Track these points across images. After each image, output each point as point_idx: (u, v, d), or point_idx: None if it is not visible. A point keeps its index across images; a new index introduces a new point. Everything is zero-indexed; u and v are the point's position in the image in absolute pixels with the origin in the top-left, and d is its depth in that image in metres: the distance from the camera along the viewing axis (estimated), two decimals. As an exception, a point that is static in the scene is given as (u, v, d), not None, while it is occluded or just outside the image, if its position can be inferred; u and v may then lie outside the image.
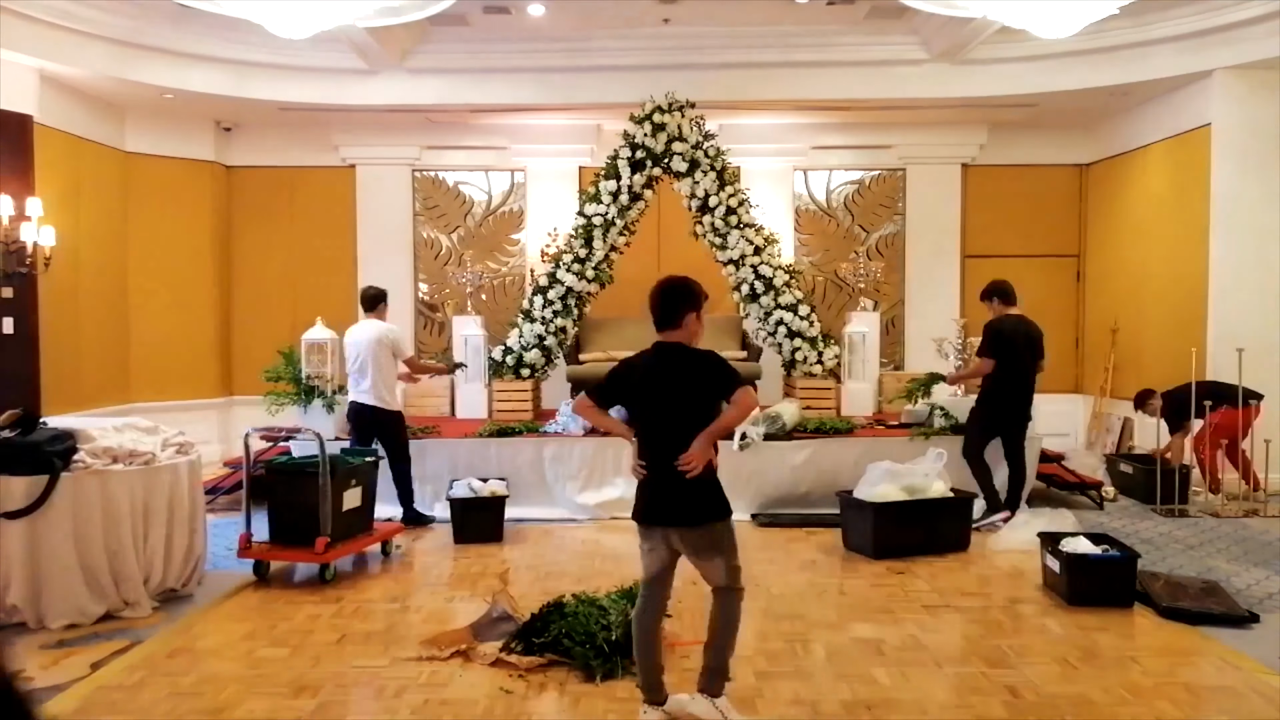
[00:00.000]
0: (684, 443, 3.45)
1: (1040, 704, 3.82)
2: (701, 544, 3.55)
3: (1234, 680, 4.09)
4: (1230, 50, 7.92)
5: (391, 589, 5.47)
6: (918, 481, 6.19)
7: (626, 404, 3.65)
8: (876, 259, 10.25)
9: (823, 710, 3.77)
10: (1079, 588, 5.08)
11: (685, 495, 3.49)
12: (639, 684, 3.67)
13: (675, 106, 8.38)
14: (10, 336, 7.56)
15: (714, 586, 3.61)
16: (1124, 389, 9.52)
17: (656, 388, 3.54)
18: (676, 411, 3.51)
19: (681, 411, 3.50)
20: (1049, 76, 8.67)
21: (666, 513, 3.53)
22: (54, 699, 3.90)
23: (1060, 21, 6.09)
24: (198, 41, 8.39)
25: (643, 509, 3.59)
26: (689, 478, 3.44)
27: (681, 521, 3.52)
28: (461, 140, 10.22)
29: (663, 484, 3.51)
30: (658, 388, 3.54)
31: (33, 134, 7.75)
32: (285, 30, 6.19)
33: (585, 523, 7.12)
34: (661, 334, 3.60)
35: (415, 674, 4.15)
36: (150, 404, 8.98)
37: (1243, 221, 8.08)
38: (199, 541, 5.46)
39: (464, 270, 9.67)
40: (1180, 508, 7.33)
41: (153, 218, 9.47)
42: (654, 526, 3.57)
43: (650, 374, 3.57)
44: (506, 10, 8.26)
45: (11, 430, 4.92)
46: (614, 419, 3.84)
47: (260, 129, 10.14)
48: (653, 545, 3.60)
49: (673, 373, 3.54)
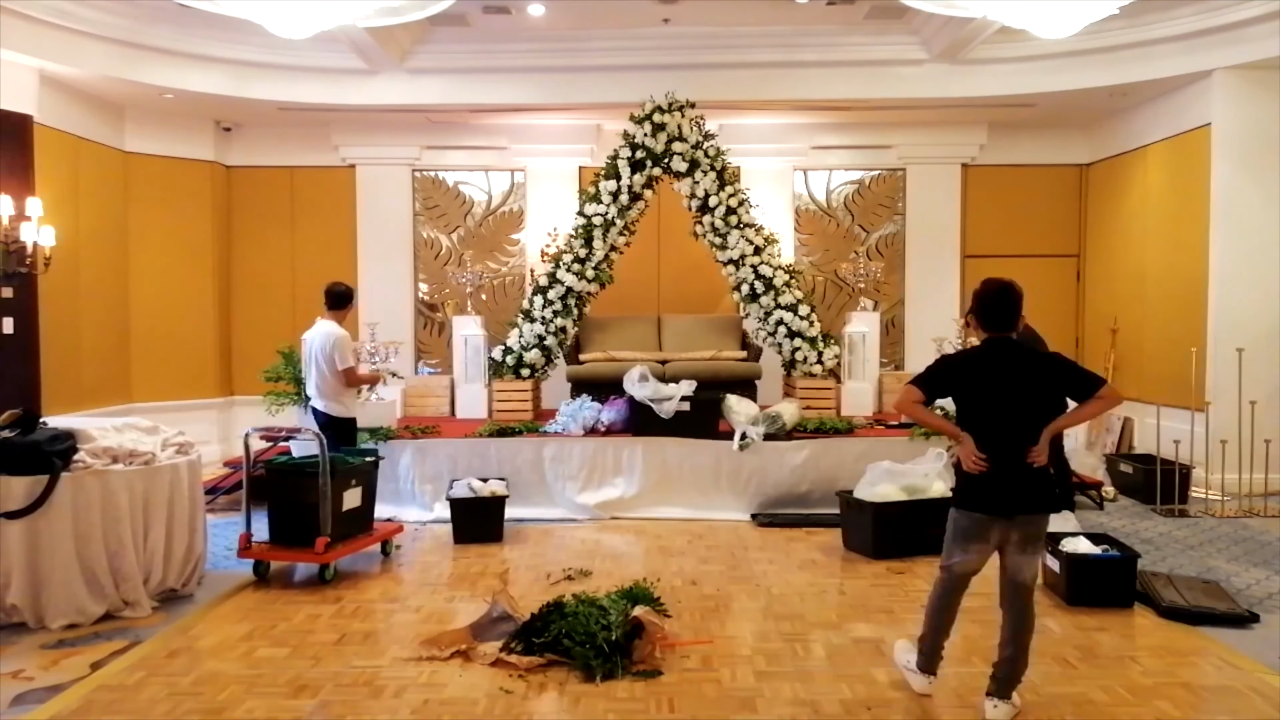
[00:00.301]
0: (1031, 436, 3.66)
1: (1040, 704, 3.82)
2: (1034, 534, 3.74)
3: (1234, 680, 4.10)
4: (1230, 50, 7.92)
5: (391, 589, 5.48)
6: (918, 481, 6.20)
7: (958, 398, 3.85)
8: (876, 259, 10.26)
9: (823, 710, 3.78)
10: (1079, 588, 5.08)
11: (1032, 485, 3.69)
12: (921, 659, 3.92)
13: (675, 106, 8.38)
14: (10, 336, 7.56)
15: (1021, 584, 3.74)
16: (1124, 389, 9.49)
17: (1006, 384, 3.71)
18: (1028, 407, 3.70)
19: (1033, 407, 3.70)
20: (1049, 76, 8.68)
21: (1014, 502, 3.70)
22: (54, 699, 3.91)
23: (1060, 21, 6.09)
24: (198, 41, 8.39)
25: (988, 500, 3.73)
26: (1035, 468, 3.68)
27: (1029, 509, 3.71)
28: (461, 140, 10.22)
29: (1010, 475, 3.69)
30: (1007, 384, 3.71)
31: (32, 134, 7.75)
32: (285, 30, 6.19)
33: (585, 522, 7.13)
34: (991, 333, 3.79)
35: (415, 674, 4.15)
36: (150, 404, 8.99)
37: (1243, 221, 8.08)
38: (199, 541, 5.46)
39: (464, 270, 9.67)
40: (1180, 508, 7.34)
41: (153, 218, 9.47)
42: (995, 519, 3.72)
43: (996, 371, 3.73)
44: (506, 10, 8.26)
45: (11, 430, 4.92)
46: (941, 419, 4.06)
47: (260, 129, 10.14)
48: (982, 539, 3.76)
49: (1024, 371, 3.72)
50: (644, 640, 4.23)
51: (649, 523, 7.09)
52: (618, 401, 7.62)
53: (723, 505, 7.24)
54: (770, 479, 7.26)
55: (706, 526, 6.96)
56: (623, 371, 7.72)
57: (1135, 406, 9.15)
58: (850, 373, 8.63)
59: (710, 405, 7.46)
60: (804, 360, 8.37)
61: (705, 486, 7.30)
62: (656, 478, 7.31)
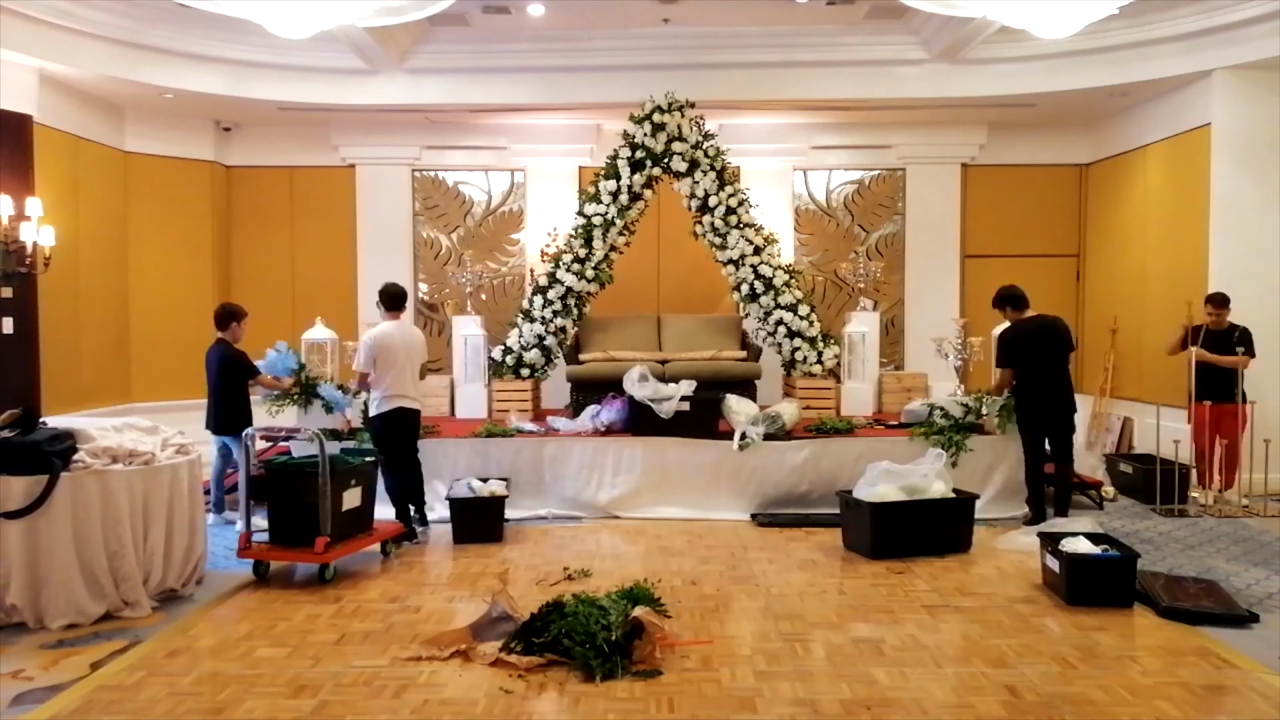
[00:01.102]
0: None
1: (1040, 704, 3.82)
2: None
3: (1234, 680, 4.09)
4: (1230, 50, 7.92)
5: (391, 589, 5.47)
6: (917, 482, 6.19)
7: None
8: (876, 259, 10.25)
9: (823, 710, 3.77)
10: (1079, 588, 5.08)
11: None
12: None
13: (675, 106, 8.38)
14: (10, 336, 7.56)
15: None
16: (1124, 389, 9.52)
17: None
18: None
19: None
20: (1049, 76, 8.68)
21: None
22: (54, 699, 3.91)
23: (1060, 21, 6.09)
24: (198, 41, 8.39)
25: None
26: None
27: None
28: (461, 140, 10.23)
29: None
30: None
31: (32, 134, 7.76)
32: (285, 30, 6.19)
33: (585, 522, 7.13)
34: None
35: (415, 674, 4.15)
36: (150, 404, 8.98)
37: (1242, 221, 8.08)
38: (199, 541, 5.46)
39: (464, 270, 9.66)
40: (1180, 508, 7.34)
41: (152, 218, 9.47)
42: None
43: None
44: (506, 10, 8.26)
45: (11, 430, 4.92)
46: None
47: (260, 129, 10.14)
48: None
49: None
50: (644, 640, 4.23)
51: (649, 523, 7.09)
52: (617, 401, 7.62)
53: (722, 505, 7.24)
54: (770, 479, 7.26)
55: (706, 526, 6.96)
56: (622, 371, 7.71)
57: (1135, 406, 9.16)
58: (850, 373, 8.63)
59: (710, 405, 7.46)
60: (804, 360, 8.37)
61: (705, 486, 7.30)
62: (656, 478, 7.30)
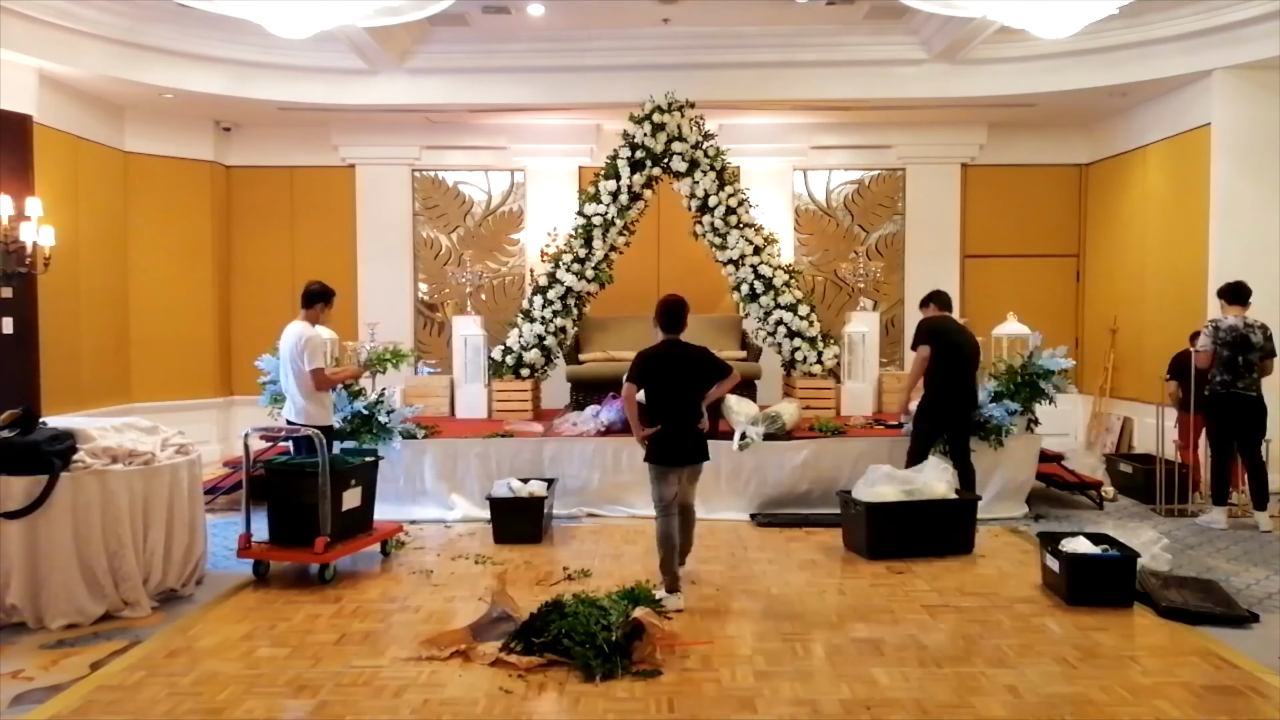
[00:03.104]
0: None
1: (1040, 704, 3.82)
2: None
3: (1234, 680, 4.09)
4: (1230, 50, 7.92)
5: (391, 589, 5.47)
6: (917, 485, 6.18)
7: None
8: (876, 259, 10.26)
9: (822, 710, 3.77)
10: (1079, 587, 5.08)
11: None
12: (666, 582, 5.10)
13: (675, 106, 8.38)
14: (10, 336, 7.56)
15: None
16: (1124, 389, 9.52)
17: None
18: None
19: None
20: (1049, 76, 8.68)
21: None
22: (54, 699, 3.90)
23: (1060, 21, 6.09)
24: (197, 41, 8.39)
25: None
26: None
27: None
28: (461, 140, 10.23)
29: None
30: None
31: (32, 134, 7.75)
32: (285, 30, 6.19)
33: (585, 522, 7.12)
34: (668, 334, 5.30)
35: (415, 674, 4.15)
36: (150, 404, 8.99)
37: (1242, 221, 8.08)
38: (199, 541, 5.46)
39: (464, 270, 9.67)
40: (1180, 507, 7.34)
41: (152, 218, 9.47)
42: None
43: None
44: (506, 10, 8.26)
45: (11, 430, 4.92)
46: None
47: (260, 129, 10.14)
48: None
49: None
50: (644, 640, 4.23)
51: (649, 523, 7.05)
52: (617, 401, 7.61)
53: (722, 505, 7.23)
54: (770, 479, 7.25)
55: (706, 526, 6.93)
56: (622, 371, 7.68)
57: (1135, 406, 9.16)
58: (850, 373, 8.63)
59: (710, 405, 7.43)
60: (804, 360, 8.37)
61: (705, 486, 7.19)
62: (656, 477, 7.28)
